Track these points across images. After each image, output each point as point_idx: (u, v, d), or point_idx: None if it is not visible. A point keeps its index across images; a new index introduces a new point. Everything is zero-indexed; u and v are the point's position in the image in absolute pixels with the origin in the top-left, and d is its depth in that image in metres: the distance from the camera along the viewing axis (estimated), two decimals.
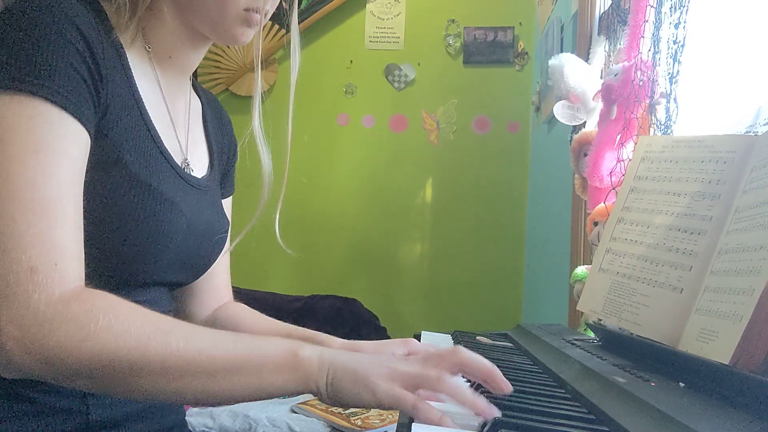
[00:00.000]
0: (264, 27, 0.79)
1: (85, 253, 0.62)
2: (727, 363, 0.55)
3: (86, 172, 0.65)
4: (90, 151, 0.66)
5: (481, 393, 0.58)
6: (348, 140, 2.94)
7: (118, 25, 0.72)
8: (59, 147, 0.61)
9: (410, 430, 0.50)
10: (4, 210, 0.56)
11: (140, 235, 0.70)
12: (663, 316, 0.70)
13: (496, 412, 0.53)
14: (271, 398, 0.60)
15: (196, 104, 0.90)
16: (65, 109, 0.62)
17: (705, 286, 0.66)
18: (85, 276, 0.61)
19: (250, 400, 0.60)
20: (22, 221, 0.57)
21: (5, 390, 0.67)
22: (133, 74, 0.73)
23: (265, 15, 0.78)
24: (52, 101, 0.61)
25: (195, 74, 0.89)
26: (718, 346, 0.58)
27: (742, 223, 0.64)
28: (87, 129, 0.64)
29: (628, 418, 0.50)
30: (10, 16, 0.63)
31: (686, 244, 0.72)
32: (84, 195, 0.63)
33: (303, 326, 0.91)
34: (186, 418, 0.91)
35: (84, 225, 0.62)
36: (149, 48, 0.77)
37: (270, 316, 0.96)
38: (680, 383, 0.61)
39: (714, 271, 0.66)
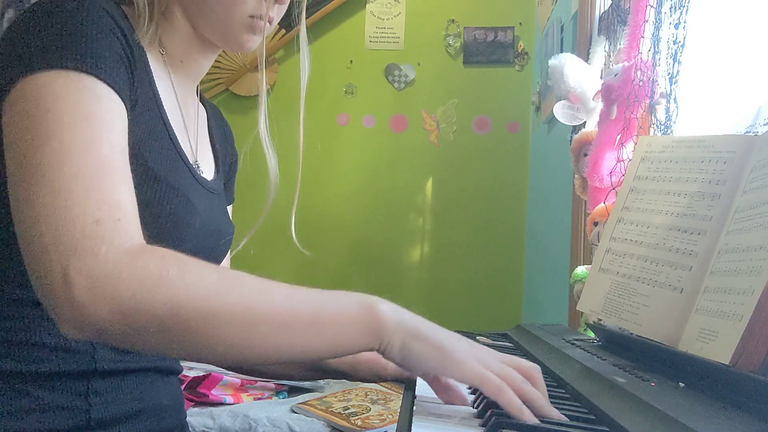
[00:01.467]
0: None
1: None
2: (727, 363, 0.55)
3: None
4: None
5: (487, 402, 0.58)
6: (348, 140, 2.94)
7: (138, 28, 0.74)
8: (107, 118, 0.62)
9: (410, 430, 0.50)
10: (62, 171, 0.56)
11: (157, 230, 0.70)
12: (663, 316, 0.70)
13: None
14: (342, 355, 0.58)
15: (202, 112, 0.93)
16: (110, 85, 0.63)
17: (705, 286, 0.66)
18: None
19: (323, 356, 0.58)
20: (81, 180, 0.57)
21: (8, 386, 0.68)
22: (153, 75, 0.76)
23: (271, 22, 0.80)
24: (99, 78, 0.62)
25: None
26: (718, 346, 0.58)
27: (742, 223, 0.64)
28: (127, 109, 0.66)
29: (628, 418, 0.50)
30: (52, 5, 0.65)
31: (686, 244, 0.72)
32: None
33: None
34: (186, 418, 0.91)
35: None
36: (163, 52, 0.80)
37: None
38: (680, 383, 0.61)
39: (714, 271, 0.66)
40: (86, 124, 0.59)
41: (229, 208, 0.99)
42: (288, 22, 0.88)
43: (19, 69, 0.61)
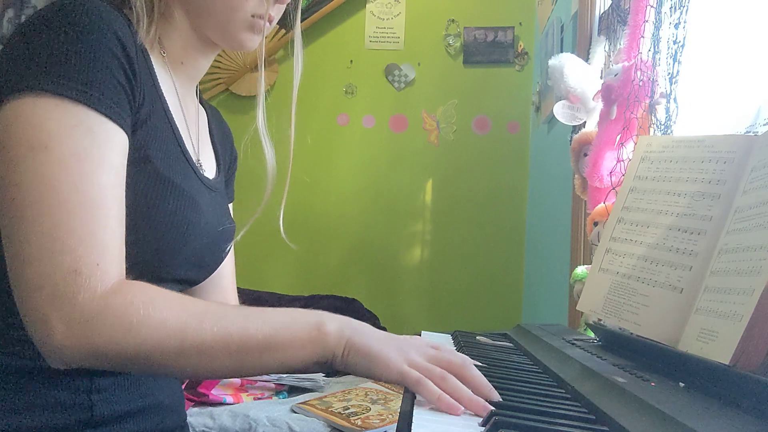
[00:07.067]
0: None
1: None
2: (727, 363, 0.55)
3: None
4: None
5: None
6: (348, 140, 2.93)
7: (139, 31, 0.74)
8: (99, 153, 0.63)
9: (410, 430, 0.50)
10: (49, 214, 0.59)
11: (163, 231, 0.73)
12: (663, 316, 0.70)
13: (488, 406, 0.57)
14: (294, 372, 0.67)
15: (202, 112, 0.94)
16: (106, 115, 0.65)
17: (705, 286, 0.66)
18: None
19: (278, 373, 0.66)
20: (66, 224, 0.60)
21: (12, 382, 0.69)
22: (157, 76, 0.76)
23: (271, 21, 0.81)
24: (94, 108, 0.64)
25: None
26: (718, 346, 0.58)
27: (742, 223, 0.64)
28: (126, 132, 0.67)
29: (628, 418, 0.50)
30: (52, 20, 0.65)
31: (686, 244, 0.72)
32: None
33: None
34: (186, 419, 0.91)
35: None
36: (164, 53, 0.80)
37: None
38: (680, 383, 0.61)
39: (714, 271, 0.66)
40: (77, 163, 0.61)
41: (230, 207, 0.99)
42: (288, 22, 0.89)
43: (16, 84, 0.62)
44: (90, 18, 0.66)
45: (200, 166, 0.84)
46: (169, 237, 0.74)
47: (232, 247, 0.95)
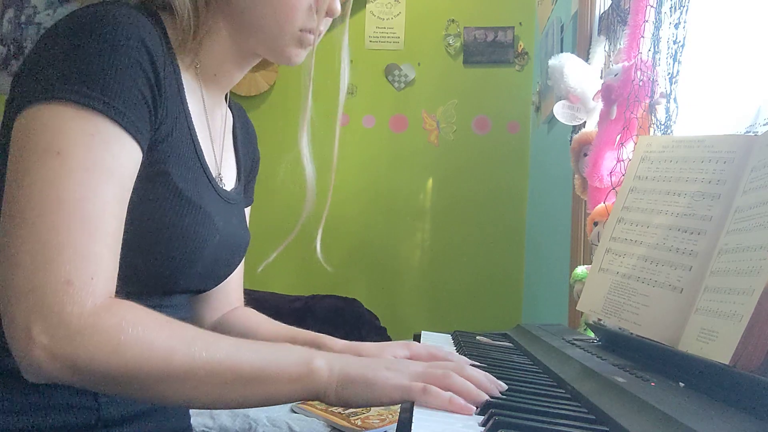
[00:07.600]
0: None
1: (120, 259, 0.63)
2: (727, 363, 0.55)
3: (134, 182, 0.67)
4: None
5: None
6: (348, 140, 2.93)
7: (177, 45, 0.74)
8: (111, 166, 0.63)
9: (410, 429, 0.50)
10: (50, 222, 0.58)
11: (177, 247, 0.72)
12: (663, 316, 0.70)
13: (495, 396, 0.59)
14: (279, 404, 0.63)
15: (229, 117, 0.93)
16: (124, 128, 0.64)
17: (705, 286, 0.66)
18: (118, 282, 0.62)
19: (262, 406, 0.64)
20: (65, 234, 0.58)
21: (21, 384, 0.68)
22: (185, 90, 0.76)
23: (318, 35, 0.81)
24: (113, 120, 0.63)
25: None
26: (718, 346, 0.58)
27: (742, 223, 0.64)
28: (141, 147, 0.67)
29: (628, 418, 0.50)
30: (82, 27, 0.64)
31: (686, 244, 0.72)
32: (128, 204, 0.65)
33: (303, 326, 0.94)
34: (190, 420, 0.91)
35: (125, 233, 0.64)
36: (197, 65, 0.79)
37: (270, 316, 0.99)
38: (680, 383, 0.61)
39: (714, 271, 0.66)
40: (87, 174, 0.60)
41: (248, 210, 0.98)
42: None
43: (40, 91, 0.62)
44: (120, 28, 0.65)
45: (220, 180, 0.84)
46: (182, 253, 0.73)
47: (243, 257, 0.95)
